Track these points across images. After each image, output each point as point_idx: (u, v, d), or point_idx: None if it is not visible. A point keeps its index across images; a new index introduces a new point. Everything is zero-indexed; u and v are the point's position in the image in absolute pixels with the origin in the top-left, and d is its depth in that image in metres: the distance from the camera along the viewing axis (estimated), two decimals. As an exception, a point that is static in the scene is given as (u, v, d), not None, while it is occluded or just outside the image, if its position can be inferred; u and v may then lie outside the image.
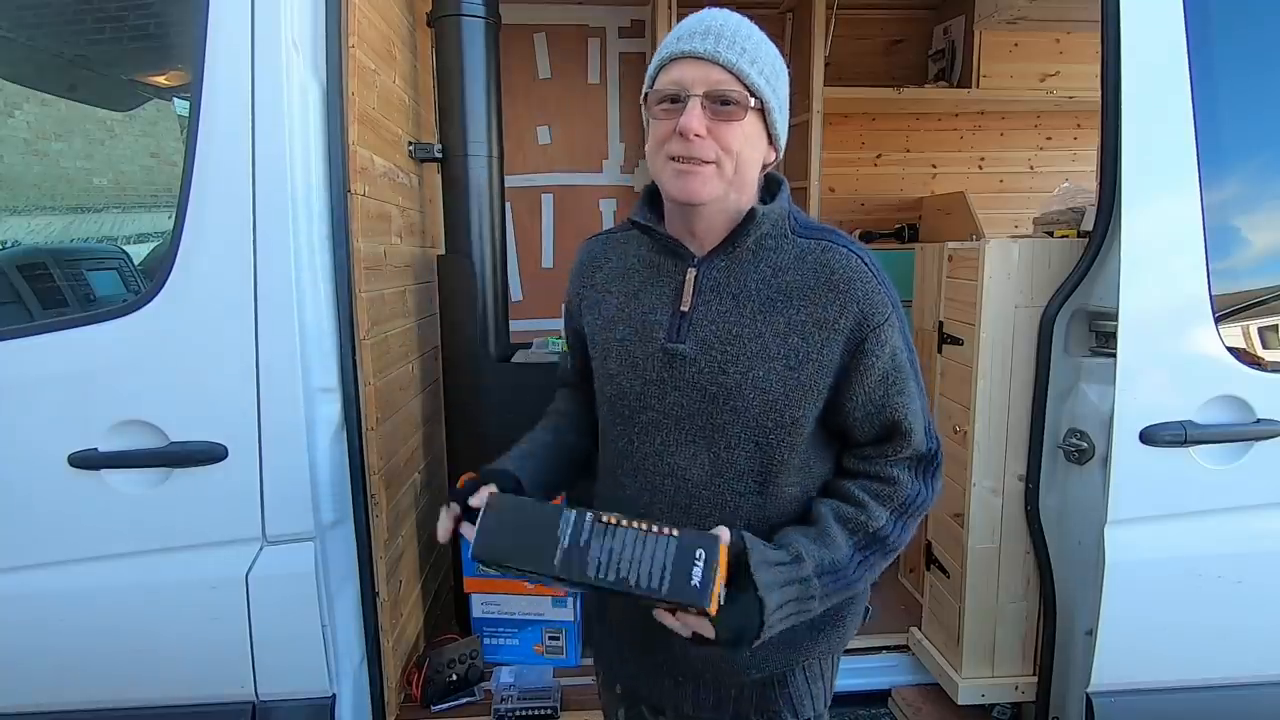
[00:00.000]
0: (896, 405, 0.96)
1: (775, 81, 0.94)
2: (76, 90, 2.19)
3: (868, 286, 0.93)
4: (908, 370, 0.97)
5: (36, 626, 1.42)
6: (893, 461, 0.99)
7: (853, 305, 0.93)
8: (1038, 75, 3.00)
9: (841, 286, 0.93)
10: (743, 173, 0.92)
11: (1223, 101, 1.44)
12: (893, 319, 0.95)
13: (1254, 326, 1.52)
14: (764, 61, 0.91)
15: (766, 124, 0.94)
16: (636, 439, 1.01)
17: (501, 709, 1.72)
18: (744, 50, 0.90)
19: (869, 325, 0.93)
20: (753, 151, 0.93)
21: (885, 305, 0.94)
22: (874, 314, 0.93)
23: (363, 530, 1.52)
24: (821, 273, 0.94)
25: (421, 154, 2.06)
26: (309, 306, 1.40)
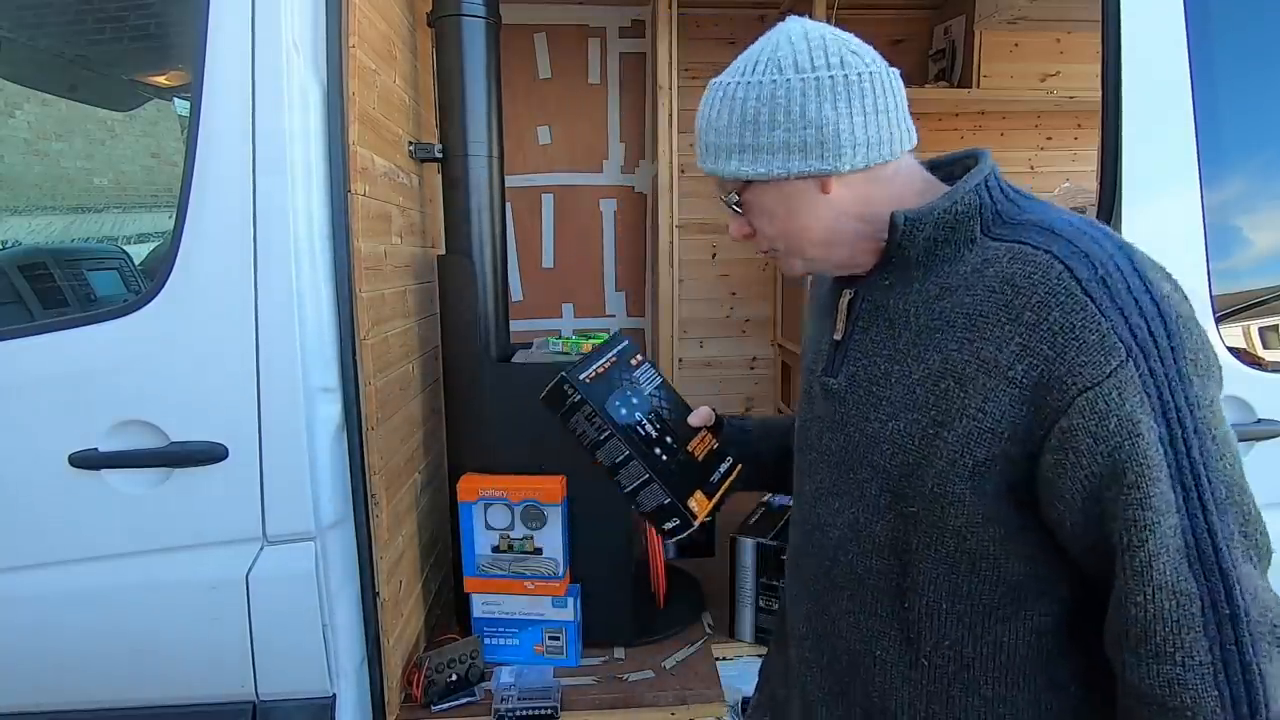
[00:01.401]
0: (1123, 525, 0.61)
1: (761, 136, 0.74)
2: (77, 90, 2.20)
3: (1075, 317, 0.61)
4: (1156, 465, 0.60)
5: (37, 626, 1.42)
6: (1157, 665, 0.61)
7: (1043, 346, 0.62)
8: (1038, 75, 3.00)
9: (1027, 315, 0.63)
10: (802, 238, 0.77)
11: (1223, 101, 1.44)
12: (1126, 373, 0.60)
13: (1254, 326, 1.52)
14: (733, 132, 0.75)
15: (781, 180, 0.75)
16: (802, 479, 0.87)
17: (502, 709, 1.72)
18: (711, 147, 0.77)
19: (1075, 382, 0.61)
20: (794, 217, 0.76)
21: (1111, 350, 0.60)
22: (1084, 364, 0.61)
23: (363, 530, 1.52)
24: (1002, 292, 0.66)
25: (422, 154, 2.06)
26: (309, 306, 1.40)
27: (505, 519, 1.87)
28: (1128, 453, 0.60)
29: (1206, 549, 0.60)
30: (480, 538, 1.88)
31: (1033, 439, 0.64)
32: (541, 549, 1.87)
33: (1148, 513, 0.60)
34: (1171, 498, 0.60)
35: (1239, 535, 0.61)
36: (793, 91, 0.72)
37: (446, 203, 2.00)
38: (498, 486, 1.85)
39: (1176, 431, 0.60)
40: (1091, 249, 0.64)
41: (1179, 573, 0.60)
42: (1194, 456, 0.61)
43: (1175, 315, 0.62)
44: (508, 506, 1.87)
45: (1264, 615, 0.59)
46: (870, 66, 0.74)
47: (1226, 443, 0.63)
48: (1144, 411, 0.60)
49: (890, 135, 0.74)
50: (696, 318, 3.19)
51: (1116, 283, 0.62)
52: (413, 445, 2.00)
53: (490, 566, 1.89)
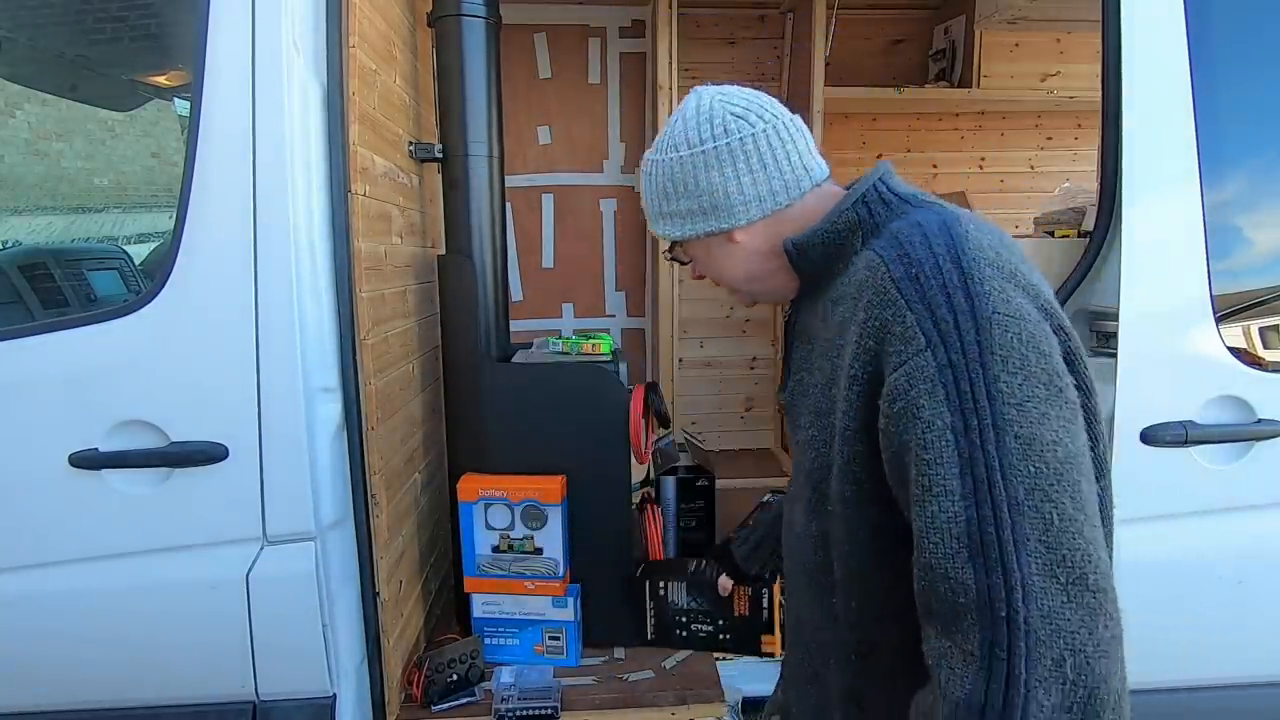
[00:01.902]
0: (913, 503, 0.63)
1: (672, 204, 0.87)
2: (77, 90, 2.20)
3: (888, 311, 0.66)
4: (942, 450, 0.61)
5: (37, 626, 1.42)
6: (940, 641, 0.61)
7: (868, 340, 0.68)
8: (1038, 75, 3.00)
9: (860, 315, 0.70)
10: (728, 278, 0.91)
11: (1223, 101, 1.44)
12: (921, 362, 0.62)
13: (1255, 326, 1.52)
14: (654, 202, 0.90)
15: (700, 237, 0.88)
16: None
17: (502, 709, 1.72)
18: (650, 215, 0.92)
19: (884, 371, 0.66)
20: (717, 264, 0.90)
21: (910, 339, 0.64)
22: (890, 353, 0.65)
23: (363, 530, 1.52)
24: (855, 297, 0.72)
25: (422, 154, 2.06)
26: (309, 306, 1.40)
27: (505, 519, 1.88)
28: (910, 436, 0.62)
29: (991, 544, 0.58)
30: (480, 538, 1.88)
31: (865, 419, 0.69)
32: (542, 549, 1.87)
33: (923, 493, 0.61)
34: (956, 485, 0.60)
35: (1038, 544, 0.58)
36: (687, 166, 0.85)
37: (446, 202, 2.00)
38: (498, 486, 1.85)
39: (971, 422, 0.60)
40: (914, 249, 0.67)
41: (955, 560, 0.59)
42: (989, 450, 0.60)
43: (992, 312, 0.62)
44: (508, 506, 1.87)
45: (1053, 639, 0.56)
46: (754, 128, 0.84)
47: (1035, 445, 0.60)
48: (931, 399, 0.61)
49: (784, 183, 0.84)
50: (697, 318, 3.19)
51: (929, 279, 0.65)
52: (413, 445, 2.00)
53: (490, 566, 1.89)
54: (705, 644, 1.70)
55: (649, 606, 1.74)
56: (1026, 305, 0.64)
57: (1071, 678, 0.56)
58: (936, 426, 0.61)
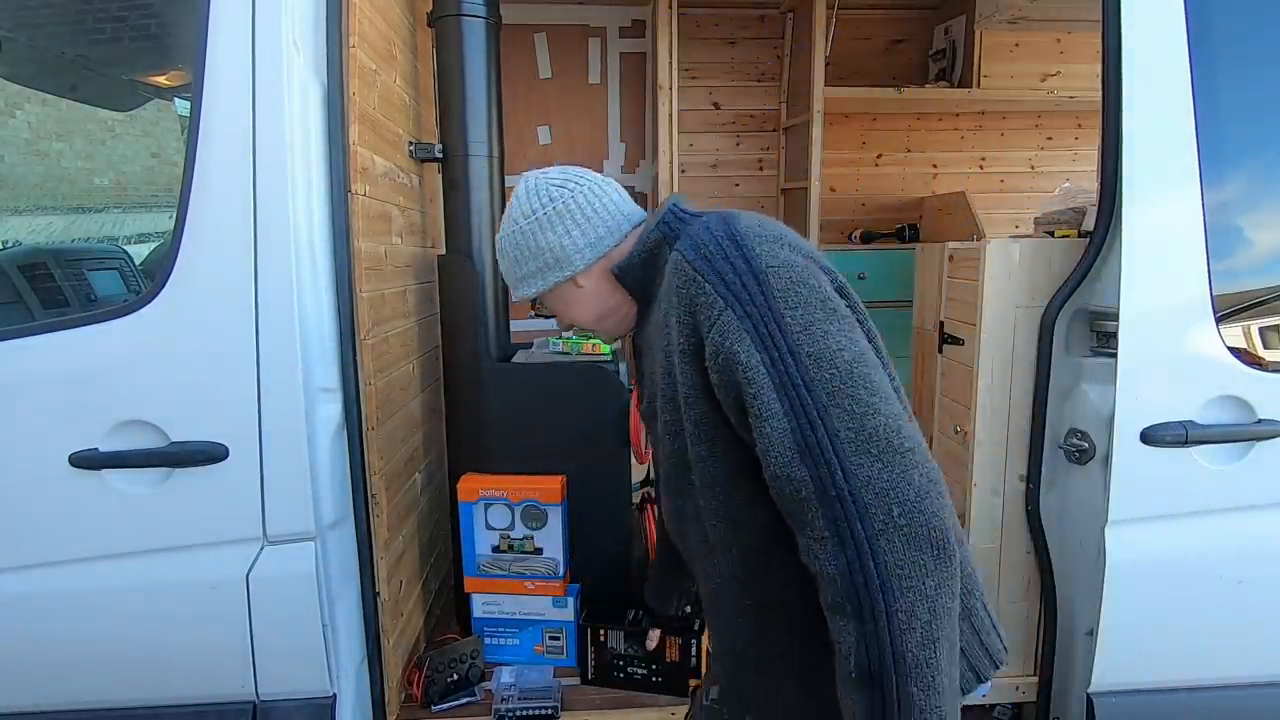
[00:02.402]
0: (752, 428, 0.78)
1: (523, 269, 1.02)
2: (78, 90, 2.20)
3: (691, 288, 0.82)
4: (760, 382, 0.76)
5: (37, 626, 1.42)
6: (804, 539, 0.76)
7: (685, 316, 0.83)
8: (1038, 75, 3.00)
9: (674, 299, 0.84)
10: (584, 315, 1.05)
11: (1224, 101, 1.44)
12: (726, 318, 0.78)
13: (1255, 326, 1.52)
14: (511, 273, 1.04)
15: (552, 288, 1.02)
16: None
17: (502, 709, 1.72)
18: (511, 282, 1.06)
19: (701, 335, 0.81)
20: (569, 307, 1.04)
21: (713, 304, 0.79)
22: (701, 320, 0.81)
23: (363, 530, 1.52)
24: (667, 290, 0.87)
25: (422, 154, 2.06)
26: (309, 306, 1.40)
27: (505, 519, 1.87)
28: (736, 377, 0.78)
29: (812, 444, 0.73)
30: (480, 537, 1.88)
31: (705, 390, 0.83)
32: (542, 549, 1.87)
33: (757, 420, 0.76)
34: (777, 406, 0.75)
35: (846, 431, 0.73)
36: (526, 234, 1.01)
37: (447, 202, 2.00)
38: (498, 486, 1.85)
39: (774, 354, 0.76)
40: (701, 236, 0.84)
41: (790, 463, 0.74)
42: (791, 372, 0.75)
43: (765, 266, 0.79)
44: (508, 506, 1.87)
45: (878, 499, 0.71)
46: (572, 192, 1.00)
47: (825, 357, 0.76)
48: (741, 344, 0.77)
49: (607, 229, 1.00)
50: (697, 318, 3.18)
51: (714, 255, 0.81)
52: (413, 445, 2.00)
53: (491, 566, 1.89)
54: (639, 686, 1.82)
55: (589, 650, 1.84)
56: (792, 256, 0.82)
57: (903, 523, 0.70)
58: (752, 365, 0.76)
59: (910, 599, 0.70)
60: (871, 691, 0.71)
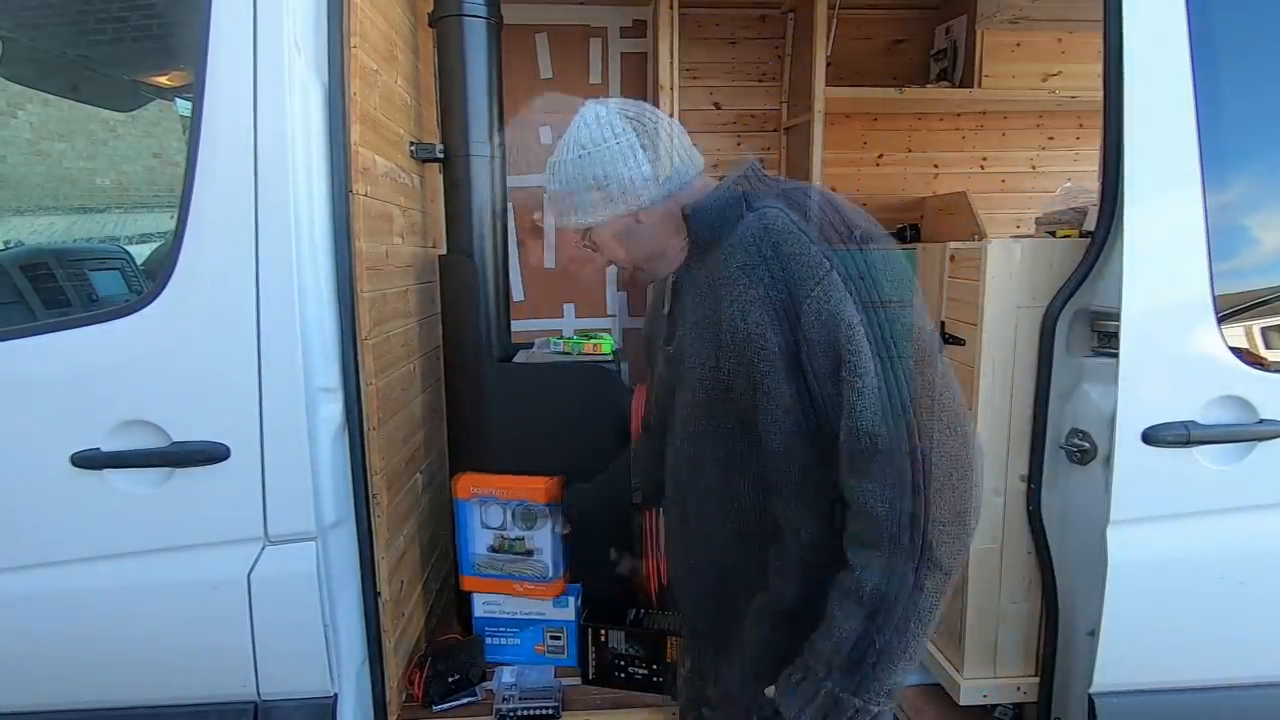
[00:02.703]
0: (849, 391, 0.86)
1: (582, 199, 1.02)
2: (79, 91, 2.20)
3: (794, 247, 0.90)
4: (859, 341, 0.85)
5: (39, 626, 1.43)
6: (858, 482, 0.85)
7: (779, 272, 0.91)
8: (1040, 75, 2.99)
9: (768, 254, 0.91)
10: (636, 253, 1.06)
11: (1225, 101, 1.44)
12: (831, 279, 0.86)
13: (1257, 326, 1.51)
14: (566, 200, 1.04)
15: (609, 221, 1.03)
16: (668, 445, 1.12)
17: (503, 709, 1.72)
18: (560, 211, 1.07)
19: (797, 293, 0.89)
20: (628, 243, 1.05)
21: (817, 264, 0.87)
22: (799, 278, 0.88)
23: (364, 530, 1.52)
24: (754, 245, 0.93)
25: (423, 154, 2.06)
26: (311, 306, 1.40)
27: (500, 519, 1.87)
28: (837, 335, 0.84)
29: (896, 404, 0.81)
30: (477, 536, 1.88)
31: (791, 342, 0.87)
32: (533, 550, 1.86)
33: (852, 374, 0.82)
34: (873, 364, 0.82)
35: (927, 400, 0.82)
36: (593, 162, 1.01)
37: (448, 202, 2.01)
38: (491, 485, 1.84)
39: (873, 318, 0.84)
40: (802, 201, 0.91)
41: (875, 419, 0.82)
42: (888, 338, 0.83)
43: (865, 237, 0.87)
44: (502, 506, 1.86)
45: (941, 462, 0.81)
46: (646, 127, 1.02)
47: (914, 331, 0.84)
48: (845, 305, 0.83)
49: (674, 170, 1.02)
50: (698, 318, 3.18)
51: (820, 219, 0.88)
52: (414, 445, 2.00)
53: (487, 566, 1.88)
54: (640, 685, 1.81)
55: (590, 650, 1.82)
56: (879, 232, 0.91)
57: (956, 484, 0.81)
58: (854, 324, 0.83)
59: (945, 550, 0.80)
60: (874, 613, 0.81)
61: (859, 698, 0.83)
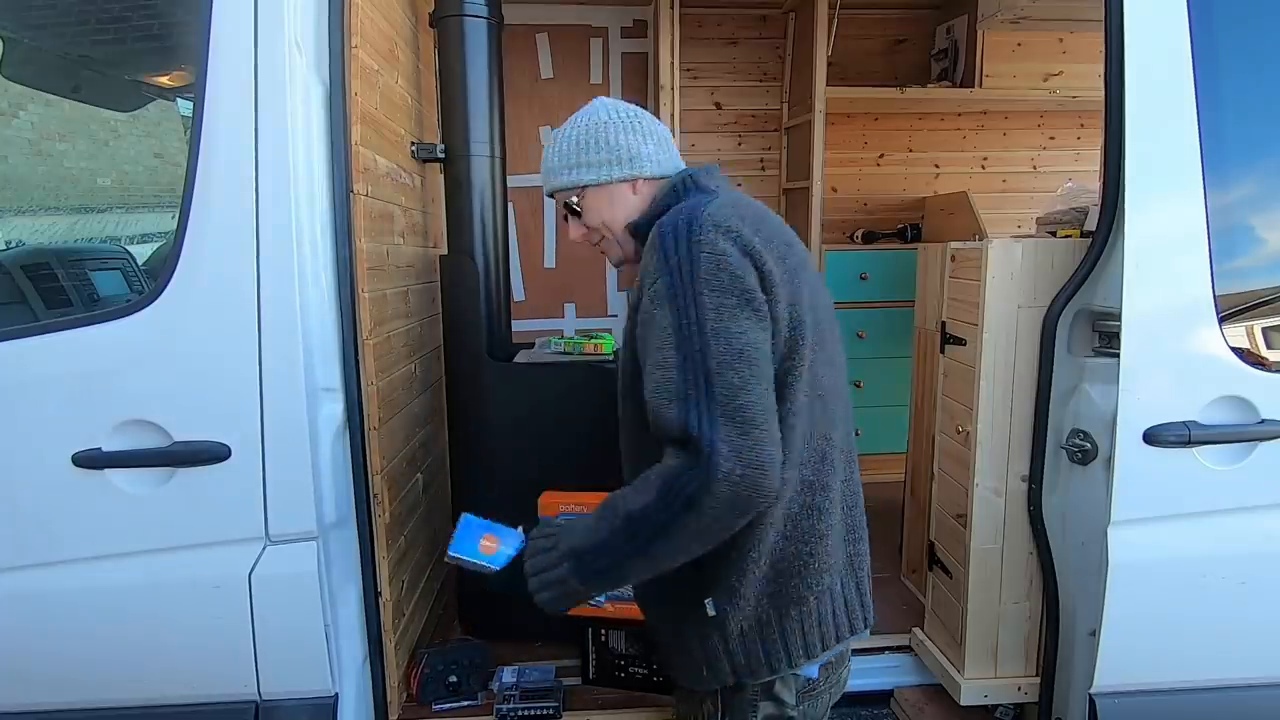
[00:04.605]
0: (648, 372, 0.96)
1: (585, 155, 1.13)
2: (81, 91, 2.20)
3: (649, 252, 1.00)
4: (666, 338, 0.93)
5: (40, 626, 1.43)
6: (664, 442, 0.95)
7: (641, 271, 1.02)
8: (1041, 75, 2.99)
9: (643, 261, 1.03)
10: (616, 226, 1.15)
11: (1227, 101, 1.44)
12: (658, 286, 0.96)
13: (1258, 327, 1.51)
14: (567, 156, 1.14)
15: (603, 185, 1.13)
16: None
17: (504, 709, 1.72)
18: (550, 170, 1.17)
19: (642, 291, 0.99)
20: (614, 209, 1.14)
21: (657, 272, 0.97)
22: (647, 281, 0.99)
23: (365, 530, 1.52)
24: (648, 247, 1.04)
25: (424, 154, 2.06)
26: (312, 306, 1.40)
27: None
28: (651, 330, 0.95)
29: (690, 398, 0.90)
30: None
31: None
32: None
33: (654, 367, 0.94)
34: (675, 360, 0.92)
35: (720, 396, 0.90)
36: (605, 129, 1.14)
37: (449, 203, 2.01)
38: (578, 502, 1.79)
39: (683, 322, 0.93)
40: (673, 218, 0.99)
41: (664, 404, 0.92)
42: (694, 340, 0.92)
43: (700, 252, 0.95)
44: None
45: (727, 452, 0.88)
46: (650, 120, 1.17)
47: (723, 336, 0.92)
48: (661, 309, 0.94)
49: (669, 160, 1.16)
50: (698, 318, 3.18)
51: (669, 233, 0.98)
52: (415, 445, 2.00)
53: None
54: (641, 685, 1.80)
55: (591, 650, 1.82)
56: (730, 247, 0.96)
57: (739, 472, 0.88)
58: (665, 326, 0.94)
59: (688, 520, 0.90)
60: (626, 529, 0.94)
61: (580, 582, 0.98)
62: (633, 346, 1.05)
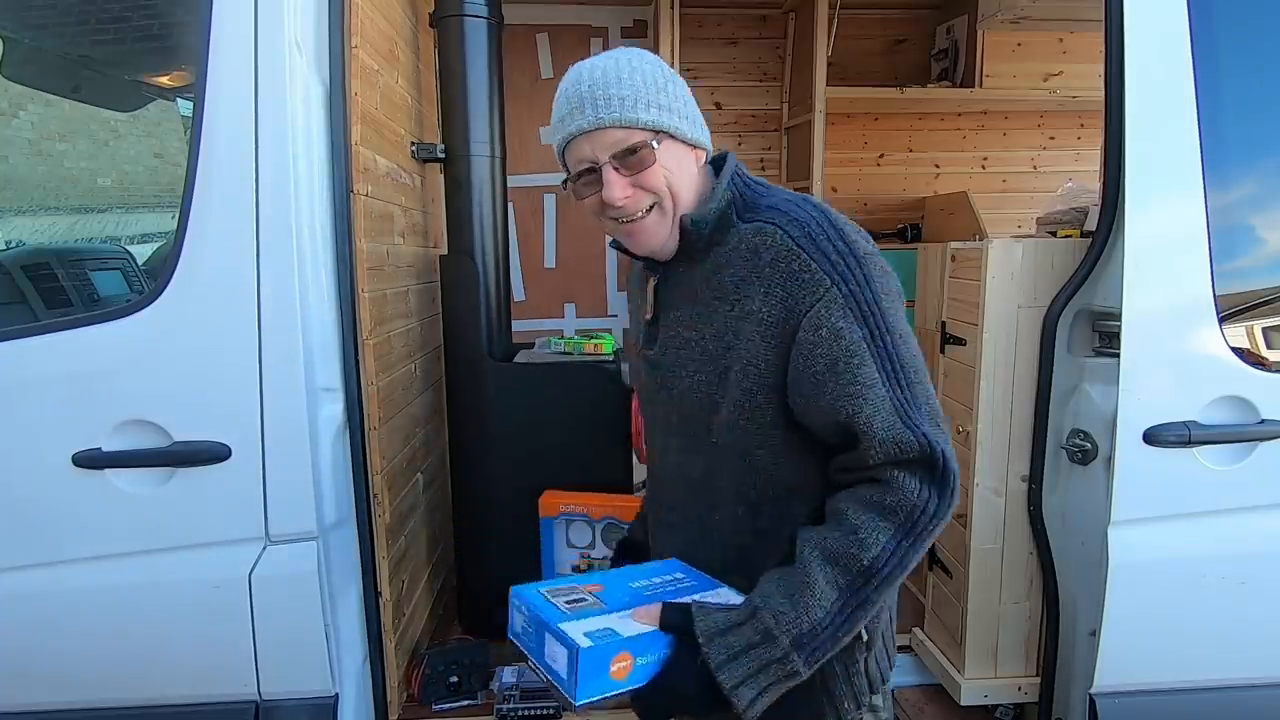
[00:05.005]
0: (847, 400, 0.83)
1: (665, 98, 0.90)
2: (81, 91, 2.20)
3: (794, 264, 0.84)
4: (863, 355, 0.83)
5: (40, 626, 1.43)
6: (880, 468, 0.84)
7: (778, 289, 0.85)
8: (1041, 75, 2.99)
9: (766, 271, 0.86)
10: (680, 195, 0.92)
11: (1227, 100, 1.44)
12: (832, 296, 0.83)
13: (1258, 327, 1.51)
14: (644, 90, 0.89)
15: (679, 139, 0.92)
16: (651, 442, 1.06)
17: (504, 709, 1.72)
18: (621, 99, 0.88)
19: (800, 309, 0.84)
20: (681, 173, 0.92)
21: (819, 282, 0.84)
22: (804, 295, 0.84)
23: (365, 530, 1.52)
24: (750, 260, 0.88)
25: (424, 154, 2.06)
26: (312, 306, 1.40)
27: (586, 537, 1.84)
28: (837, 350, 0.83)
29: (906, 412, 0.83)
30: (561, 555, 1.85)
31: (781, 360, 0.86)
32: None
33: (862, 389, 0.83)
34: (879, 376, 0.83)
35: (926, 404, 0.84)
36: (675, 80, 0.93)
37: (449, 203, 2.01)
38: (579, 503, 1.79)
39: (873, 329, 0.84)
40: (800, 216, 0.87)
41: (896, 427, 0.82)
42: (887, 348, 0.84)
43: (862, 253, 0.86)
44: (589, 524, 1.82)
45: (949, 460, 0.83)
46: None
47: (908, 338, 0.86)
48: (845, 321, 0.83)
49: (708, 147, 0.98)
50: (699, 318, 3.18)
51: (819, 236, 0.85)
52: (415, 445, 2.00)
53: None
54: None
55: None
56: (873, 248, 0.89)
57: (954, 472, 0.83)
58: (855, 339, 0.83)
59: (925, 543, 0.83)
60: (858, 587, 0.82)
61: (807, 668, 0.81)
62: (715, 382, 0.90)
